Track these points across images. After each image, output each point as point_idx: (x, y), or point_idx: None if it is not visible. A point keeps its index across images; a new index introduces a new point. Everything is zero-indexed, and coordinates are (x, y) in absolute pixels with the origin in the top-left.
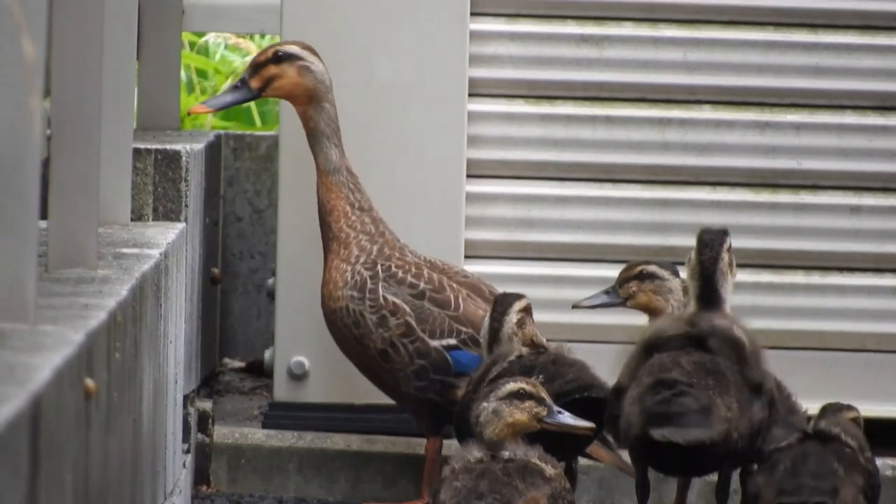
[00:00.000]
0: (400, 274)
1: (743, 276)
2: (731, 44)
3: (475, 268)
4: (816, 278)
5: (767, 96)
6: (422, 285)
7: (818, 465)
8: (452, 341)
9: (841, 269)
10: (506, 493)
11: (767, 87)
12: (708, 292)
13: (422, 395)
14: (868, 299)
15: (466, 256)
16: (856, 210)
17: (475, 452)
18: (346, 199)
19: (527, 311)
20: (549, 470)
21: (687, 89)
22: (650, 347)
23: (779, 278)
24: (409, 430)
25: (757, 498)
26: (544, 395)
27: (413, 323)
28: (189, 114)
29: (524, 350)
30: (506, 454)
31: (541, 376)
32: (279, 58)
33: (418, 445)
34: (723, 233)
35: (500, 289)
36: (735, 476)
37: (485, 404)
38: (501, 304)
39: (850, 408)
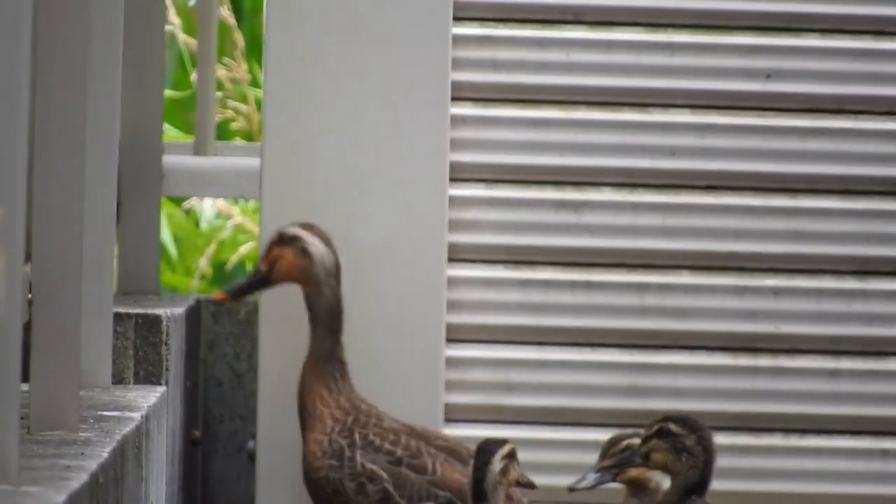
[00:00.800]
0: (377, 441)
1: (721, 438)
2: (710, 209)
3: (455, 431)
4: (795, 440)
5: (746, 261)
6: (399, 451)
7: None
8: None
9: (819, 432)
10: None
11: (746, 251)
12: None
13: None
14: (846, 461)
15: (446, 420)
16: (834, 374)
17: None
18: (327, 386)
19: (511, 456)
20: None
21: (665, 254)
22: None
23: (757, 441)
24: None
25: None
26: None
27: (391, 489)
28: (213, 301)
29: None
30: None
31: None
32: (282, 239)
33: None
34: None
35: None
36: None
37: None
38: (484, 452)
39: None
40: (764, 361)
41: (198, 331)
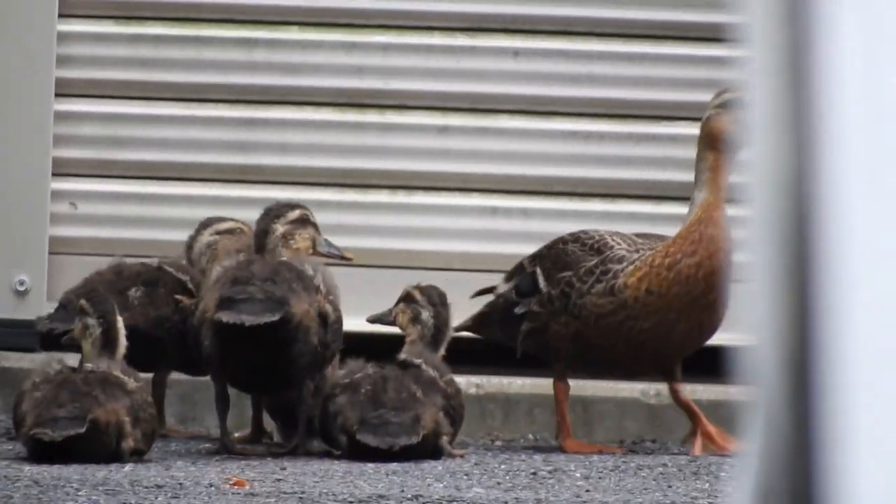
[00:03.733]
0: None
1: (328, 194)
2: None
3: (64, 185)
4: (402, 197)
5: (355, 17)
6: None
7: (397, 393)
8: None
9: (427, 189)
10: (85, 404)
11: (355, 7)
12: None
13: None
14: (454, 219)
15: (54, 174)
16: (443, 130)
17: (54, 365)
18: None
19: (299, 221)
20: (131, 383)
21: (275, 10)
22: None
23: (364, 197)
24: None
25: (337, 416)
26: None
27: None
28: None
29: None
30: (88, 366)
31: None
32: None
33: None
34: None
35: (84, 207)
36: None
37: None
38: (270, 212)
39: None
40: (371, 117)
41: None
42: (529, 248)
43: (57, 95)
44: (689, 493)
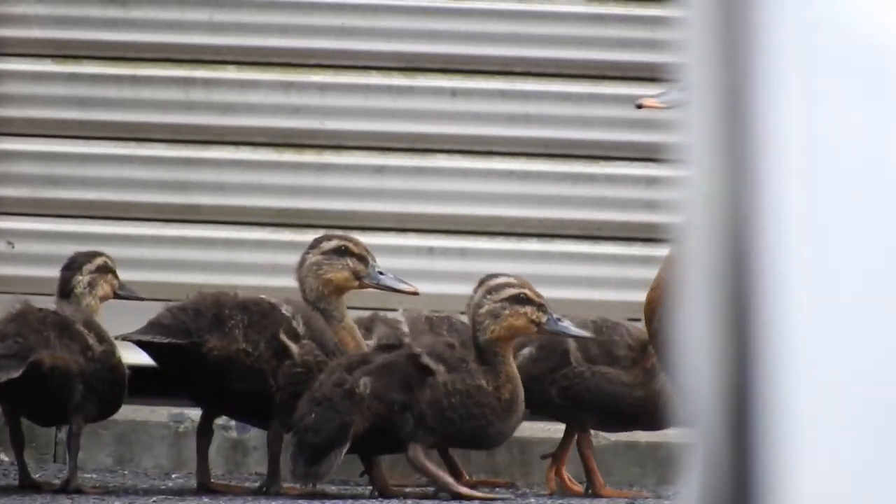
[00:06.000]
0: None
1: (266, 234)
2: (255, 5)
3: (2, 224)
4: None
5: (292, 57)
6: None
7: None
8: None
9: (364, 229)
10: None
11: (292, 47)
12: None
13: None
14: (391, 259)
15: None
16: (380, 170)
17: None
18: None
19: (101, 270)
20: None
21: (212, 49)
22: None
23: (301, 237)
24: None
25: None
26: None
27: None
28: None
29: None
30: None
31: None
32: None
33: None
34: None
35: (21, 246)
36: None
37: None
38: (72, 262)
39: None
40: (308, 157)
41: None
42: (467, 289)
43: None
44: None
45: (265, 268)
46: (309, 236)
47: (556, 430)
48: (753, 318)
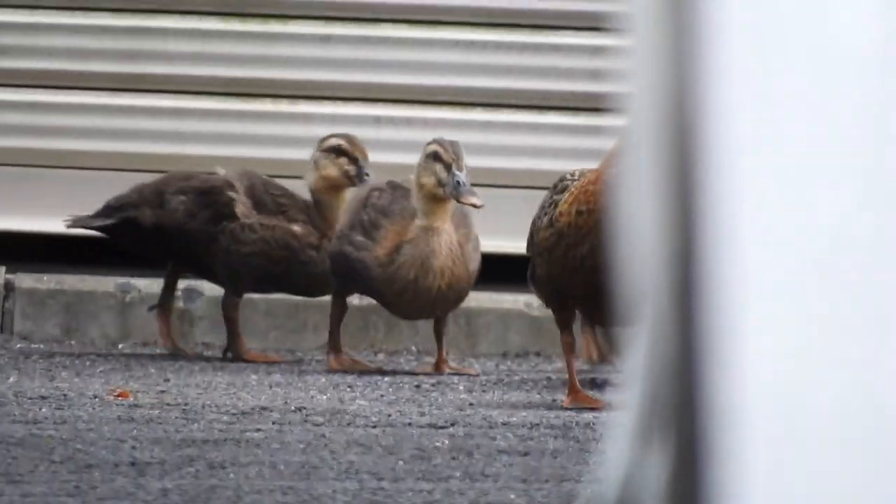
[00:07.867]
0: None
1: (213, 103)
2: None
3: None
4: (285, 106)
5: None
6: None
7: None
8: None
9: (309, 98)
10: None
11: None
12: None
13: None
14: (337, 128)
15: None
16: (325, 39)
17: None
18: None
19: None
20: None
21: None
22: None
23: (247, 106)
24: None
25: None
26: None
27: None
28: None
29: None
30: None
31: None
32: None
33: None
34: None
35: None
36: None
37: None
38: None
39: None
40: (255, 26)
41: None
42: (413, 158)
43: None
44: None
45: (212, 136)
46: (255, 106)
47: None
48: (698, 185)
